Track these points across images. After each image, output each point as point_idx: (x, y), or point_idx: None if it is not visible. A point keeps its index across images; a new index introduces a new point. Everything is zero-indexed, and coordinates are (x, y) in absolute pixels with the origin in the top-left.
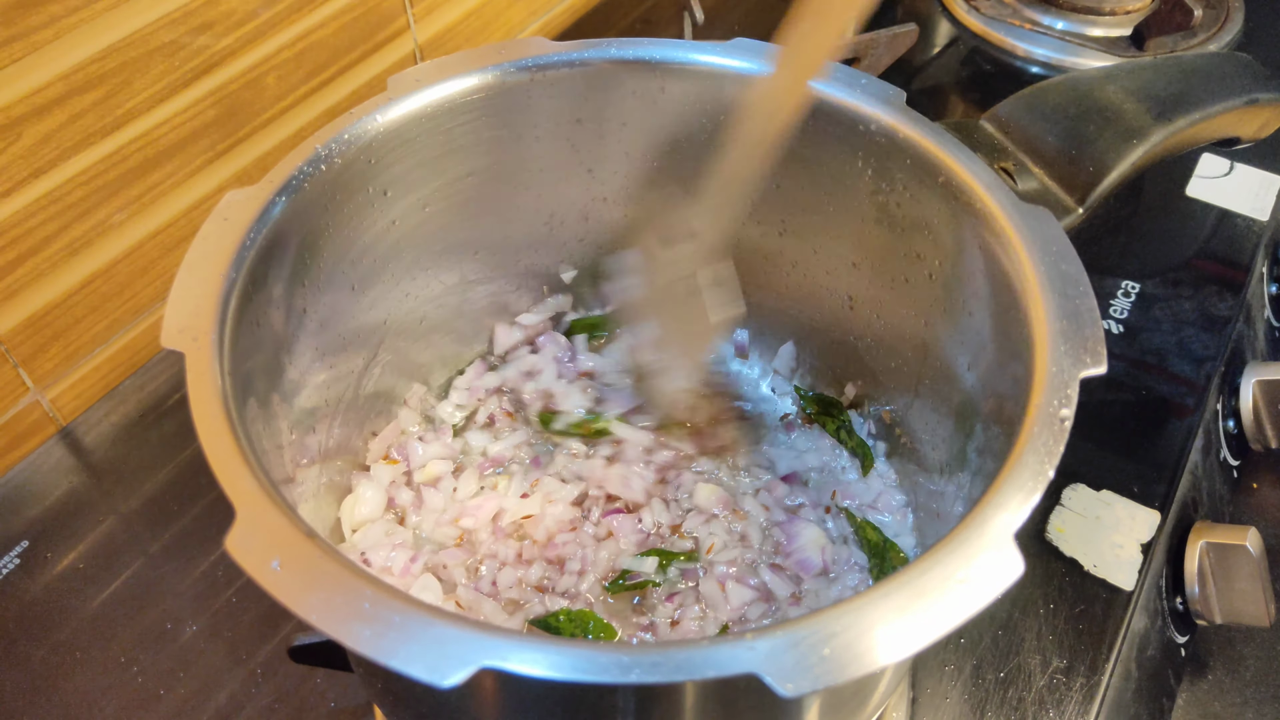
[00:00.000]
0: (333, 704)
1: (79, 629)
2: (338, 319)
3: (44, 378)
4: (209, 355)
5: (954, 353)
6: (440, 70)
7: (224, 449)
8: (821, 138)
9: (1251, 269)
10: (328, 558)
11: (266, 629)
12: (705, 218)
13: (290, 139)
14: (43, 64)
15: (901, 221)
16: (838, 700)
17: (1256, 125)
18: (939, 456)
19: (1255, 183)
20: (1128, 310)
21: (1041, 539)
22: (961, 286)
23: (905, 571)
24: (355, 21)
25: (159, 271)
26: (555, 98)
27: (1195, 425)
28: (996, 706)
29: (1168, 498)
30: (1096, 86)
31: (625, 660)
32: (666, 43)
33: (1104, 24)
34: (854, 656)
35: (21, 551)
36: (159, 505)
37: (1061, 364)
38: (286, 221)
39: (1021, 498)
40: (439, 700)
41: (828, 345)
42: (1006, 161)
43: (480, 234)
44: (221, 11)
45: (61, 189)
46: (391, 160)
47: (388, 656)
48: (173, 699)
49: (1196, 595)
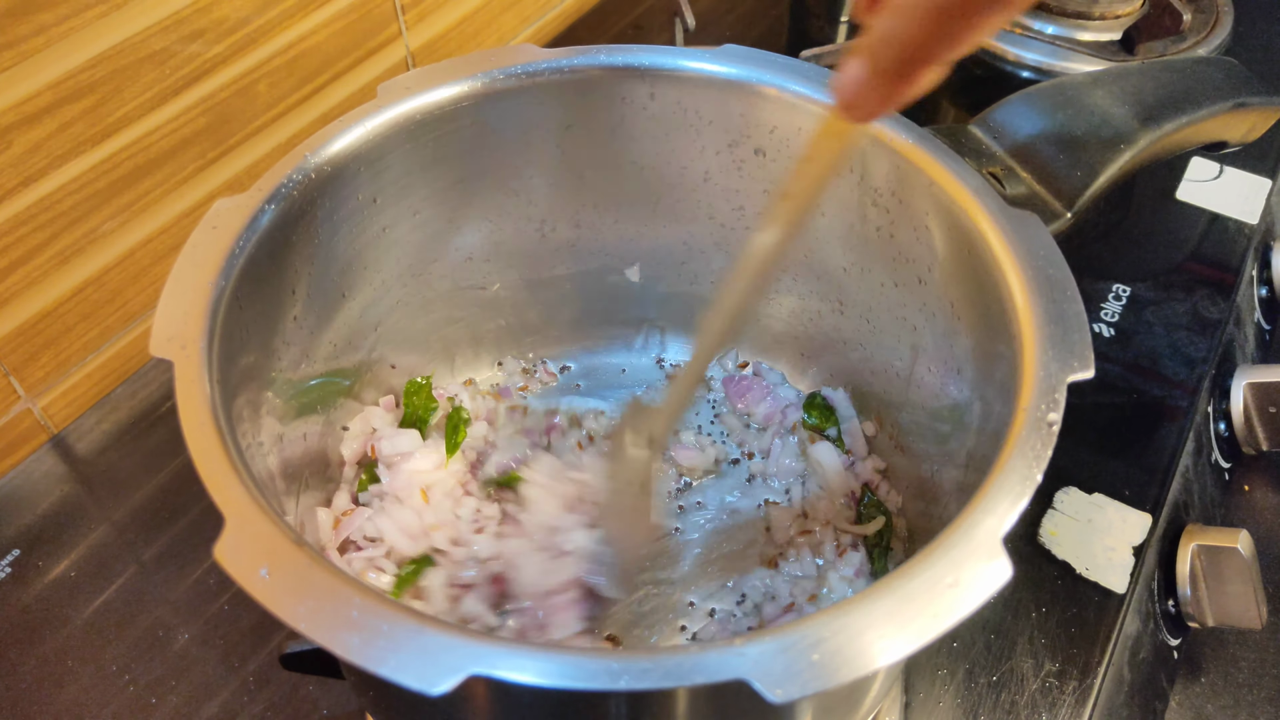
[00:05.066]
0: (325, 712)
1: (71, 637)
2: (328, 326)
3: (35, 386)
4: (198, 364)
5: (943, 356)
6: (430, 77)
7: (213, 457)
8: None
9: (1241, 272)
10: (316, 566)
11: (258, 637)
12: (663, 425)
13: (281, 147)
14: (32, 72)
15: (890, 227)
16: (829, 705)
17: (1244, 129)
18: (929, 459)
19: (1245, 186)
20: (1119, 314)
21: (1033, 542)
22: (950, 291)
23: (894, 576)
24: (347, 29)
25: (150, 279)
26: (545, 104)
27: (1186, 428)
28: (989, 710)
29: (1159, 500)
30: (1085, 91)
31: (615, 667)
32: (657, 49)
33: (1094, 29)
34: (843, 661)
35: (13, 560)
36: (151, 513)
37: (1049, 368)
38: (276, 229)
39: (1010, 502)
40: (429, 707)
41: (817, 349)
42: (995, 167)
43: (471, 241)
44: (212, 19)
45: (52, 197)
46: (381, 167)
47: (377, 664)
48: (165, 707)
49: (1188, 598)
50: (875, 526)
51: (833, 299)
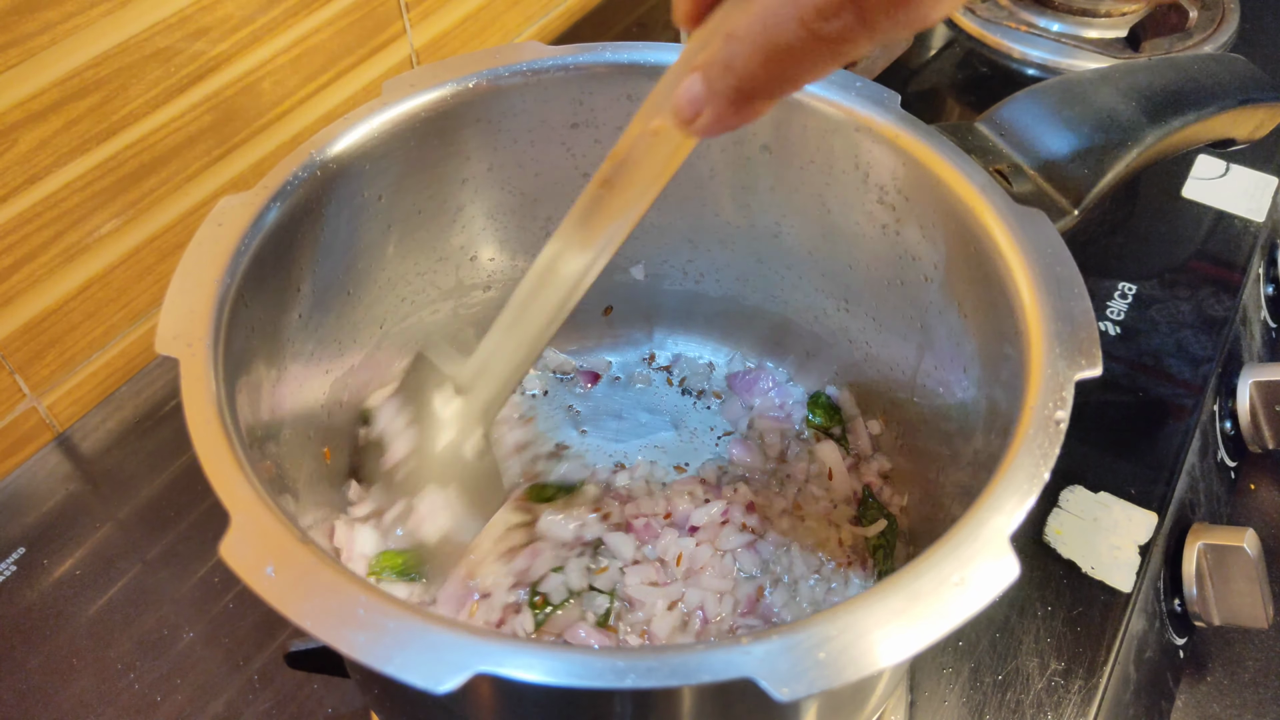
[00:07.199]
0: (330, 710)
1: (76, 635)
2: (333, 324)
3: (40, 384)
4: (204, 361)
5: (949, 354)
6: (435, 75)
7: (218, 455)
8: (816, 141)
9: (1248, 270)
10: (322, 564)
11: (264, 635)
12: (477, 374)
13: (286, 144)
14: (38, 70)
15: (896, 225)
16: (835, 704)
17: (1251, 126)
18: (935, 457)
19: (1251, 184)
20: (1124, 312)
21: (1039, 541)
22: (956, 289)
23: (901, 574)
24: (352, 26)
25: (155, 277)
26: (550, 102)
27: (1192, 427)
28: (995, 709)
29: (1165, 499)
30: (1091, 88)
31: (621, 665)
32: (662, 46)
33: (1099, 26)
34: (850, 660)
35: (18, 558)
36: (156, 511)
37: (1057, 366)
38: (281, 227)
39: (1017, 500)
40: (435, 706)
41: (822, 347)
42: (1001, 164)
43: (476, 240)
44: (217, 17)
45: (57, 195)
46: (386, 165)
47: (382, 663)
48: (170, 706)
49: (1194, 597)
50: (877, 529)
51: (838, 296)
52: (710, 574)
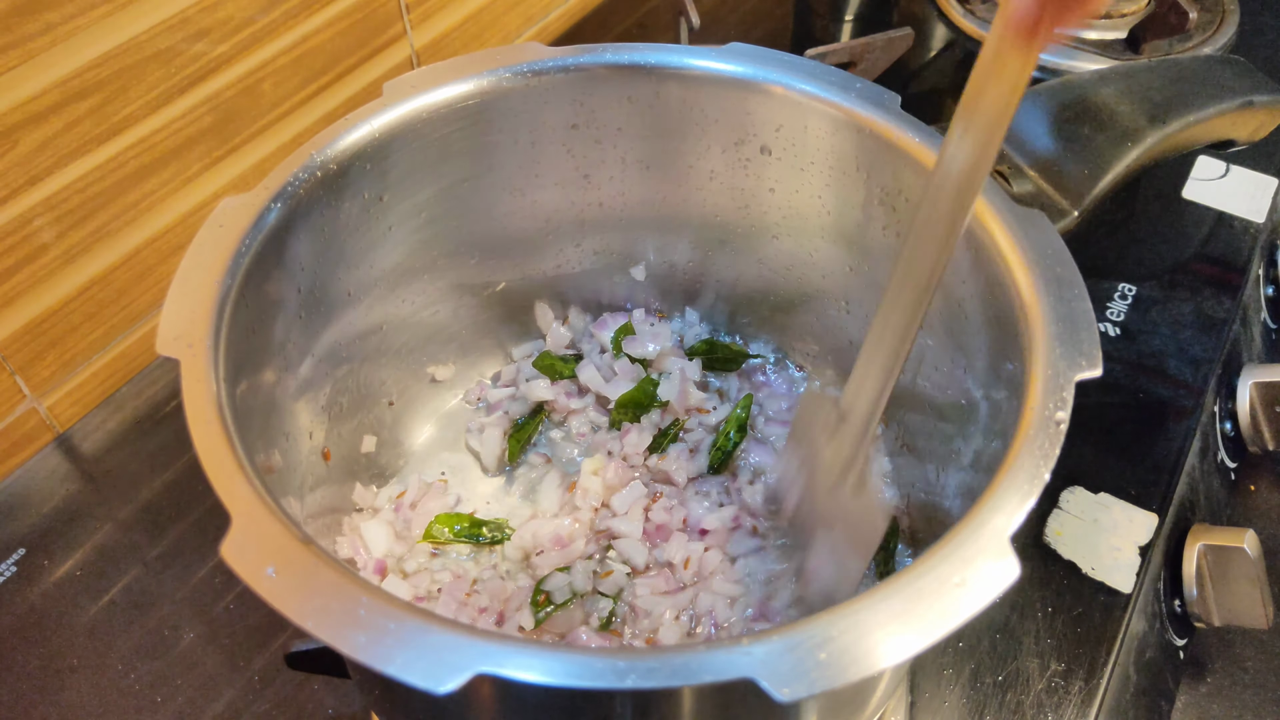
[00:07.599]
0: (330, 711)
1: (76, 637)
2: (334, 325)
3: (41, 385)
4: (204, 362)
5: (950, 356)
6: (436, 76)
7: (219, 456)
8: (817, 142)
9: (1248, 271)
10: (323, 564)
11: (264, 636)
12: (858, 390)
13: (287, 145)
14: (39, 71)
15: (897, 225)
16: (835, 704)
17: (1252, 127)
18: (935, 458)
19: (1251, 185)
20: (1124, 313)
21: (1039, 542)
22: (957, 290)
23: (901, 575)
24: (352, 27)
25: (156, 278)
26: (550, 103)
27: (1193, 427)
28: (995, 710)
29: (1165, 500)
30: (1091, 89)
31: (621, 666)
32: (662, 48)
33: (1099, 27)
34: (851, 660)
35: (18, 559)
36: (156, 512)
37: (1057, 367)
38: (282, 228)
39: (1017, 501)
40: (436, 706)
41: (824, 348)
42: (1002, 165)
43: (476, 239)
44: (218, 18)
45: (58, 195)
46: (387, 166)
47: (383, 663)
48: (170, 707)
49: (1195, 598)
50: None
51: (839, 298)
52: (721, 579)
